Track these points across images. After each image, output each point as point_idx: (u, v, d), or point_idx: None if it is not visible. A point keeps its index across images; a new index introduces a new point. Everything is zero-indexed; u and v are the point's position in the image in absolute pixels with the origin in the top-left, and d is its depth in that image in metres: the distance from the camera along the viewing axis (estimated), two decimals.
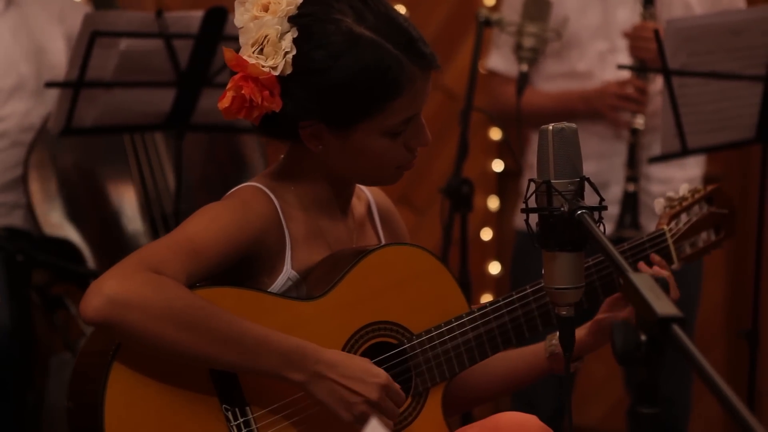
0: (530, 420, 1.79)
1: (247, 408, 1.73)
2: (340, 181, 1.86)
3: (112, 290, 1.62)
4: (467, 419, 2.64)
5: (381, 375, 1.75)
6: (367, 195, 1.98)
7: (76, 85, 2.71)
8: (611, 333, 1.37)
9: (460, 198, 2.83)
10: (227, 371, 1.73)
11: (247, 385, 1.73)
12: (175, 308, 1.64)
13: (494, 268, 3.88)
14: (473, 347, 1.87)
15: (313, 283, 1.82)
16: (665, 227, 1.99)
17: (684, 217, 2.01)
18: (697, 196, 2.03)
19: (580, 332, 1.90)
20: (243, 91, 1.72)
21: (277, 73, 1.73)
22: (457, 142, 2.91)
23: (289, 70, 1.73)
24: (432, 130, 1.87)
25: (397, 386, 1.78)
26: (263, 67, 1.73)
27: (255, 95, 1.72)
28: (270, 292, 1.78)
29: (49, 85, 2.87)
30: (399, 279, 1.86)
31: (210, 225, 1.73)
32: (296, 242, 1.82)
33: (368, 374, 1.74)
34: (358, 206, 1.95)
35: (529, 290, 1.90)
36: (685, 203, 2.02)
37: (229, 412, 1.72)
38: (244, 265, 1.77)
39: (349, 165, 1.82)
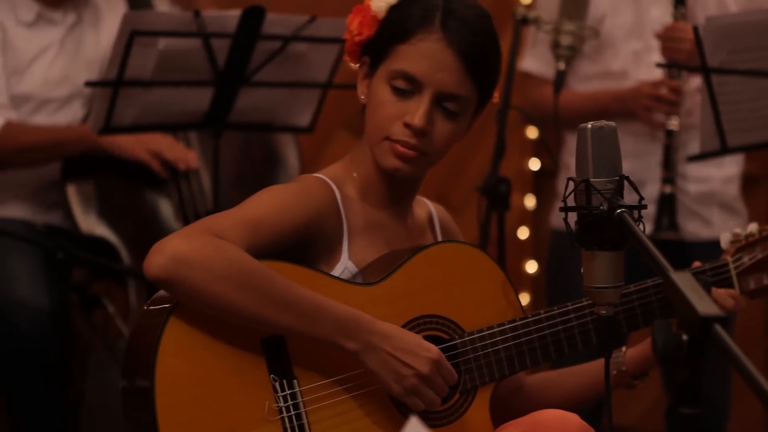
0: (570, 417, 1.79)
1: (294, 381, 1.75)
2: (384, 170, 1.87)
3: (175, 249, 1.67)
4: None
5: (433, 350, 1.77)
6: (429, 207, 2.00)
7: (115, 85, 2.73)
8: (652, 332, 1.37)
9: (497, 197, 2.82)
10: (278, 342, 1.75)
11: (296, 358, 1.76)
12: (235, 269, 1.68)
13: (531, 267, 3.87)
14: (524, 352, 1.87)
15: (369, 276, 1.84)
16: (729, 258, 1.97)
17: (749, 252, 1.99)
18: (765, 233, 2.01)
19: (645, 348, 1.92)
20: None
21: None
22: (492, 141, 2.91)
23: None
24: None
25: (448, 364, 1.79)
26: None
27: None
28: (327, 273, 1.81)
29: (89, 84, 2.89)
30: (456, 276, 1.87)
31: (269, 202, 1.78)
32: (354, 234, 1.84)
33: (421, 348, 1.76)
34: (419, 213, 1.97)
35: (585, 302, 1.90)
36: (751, 239, 2.00)
37: (277, 383, 1.74)
38: (301, 252, 1.80)
39: (366, 124, 1.85)
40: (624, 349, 1.94)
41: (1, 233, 2.89)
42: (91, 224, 3.09)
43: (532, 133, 3.89)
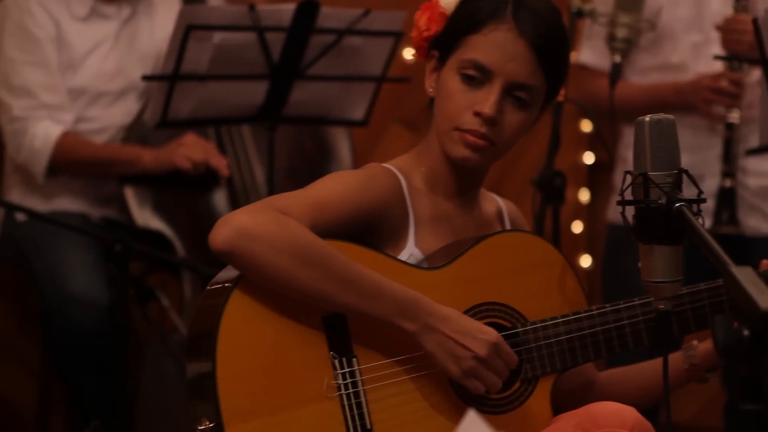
0: (627, 410, 1.78)
1: (354, 359, 1.76)
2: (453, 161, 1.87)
3: (240, 222, 1.69)
4: None
5: (492, 333, 1.77)
6: (499, 203, 2.01)
7: (171, 78, 2.75)
8: (712, 327, 1.35)
9: (552, 190, 2.81)
10: (339, 321, 1.76)
11: (356, 336, 1.77)
12: (297, 244, 1.70)
13: (585, 261, 3.85)
14: (588, 345, 1.87)
15: (434, 262, 1.85)
16: None
17: None
18: None
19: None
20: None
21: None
22: (547, 135, 2.89)
23: None
24: None
25: (508, 347, 1.79)
26: None
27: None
28: (390, 255, 1.81)
29: (146, 78, 2.92)
30: (520, 265, 1.87)
31: (335, 185, 1.80)
32: (420, 223, 1.85)
33: (479, 331, 1.76)
34: (487, 207, 1.98)
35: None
36: None
37: (336, 360, 1.75)
38: (366, 239, 1.81)
39: (435, 115, 1.86)
40: (695, 342, 1.92)
41: (60, 226, 2.92)
42: (147, 218, 3.12)
43: (586, 126, 3.86)
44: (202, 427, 1.69)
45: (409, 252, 1.83)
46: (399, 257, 1.83)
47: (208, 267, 2.77)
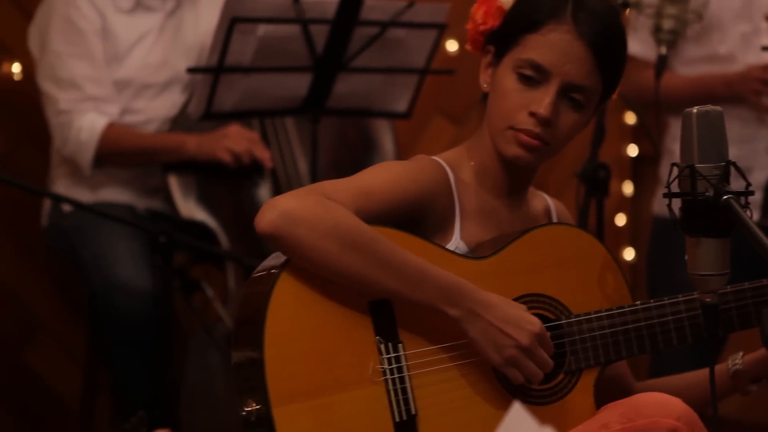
0: (673, 401, 1.77)
1: (399, 345, 1.76)
2: (504, 159, 1.87)
3: (286, 206, 1.70)
4: None
5: (535, 323, 1.77)
6: (548, 201, 2.00)
7: (216, 71, 2.76)
8: (760, 321, 1.34)
9: (596, 183, 2.79)
10: (385, 306, 1.76)
11: (402, 322, 1.77)
12: (342, 228, 1.70)
13: (629, 254, 3.83)
14: (632, 339, 1.86)
15: (479, 253, 1.85)
16: None
17: None
18: None
19: (765, 351, 1.89)
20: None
21: None
22: (590, 127, 2.87)
23: None
24: None
25: (549, 339, 1.79)
26: None
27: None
28: (437, 243, 1.82)
29: (191, 70, 2.93)
30: (566, 258, 1.87)
31: (382, 173, 1.80)
32: (466, 215, 1.86)
33: (523, 320, 1.76)
34: (536, 205, 1.98)
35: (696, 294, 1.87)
36: None
37: (382, 345, 1.75)
38: (412, 230, 1.81)
39: (488, 112, 1.85)
40: (741, 353, 1.92)
41: (105, 217, 2.94)
42: (191, 209, 3.14)
43: (630, 118, 3.84)
44: (249, 409, 1.71)
45: (455, 244, 1.84)
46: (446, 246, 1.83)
47: (251, 258, 2.79)
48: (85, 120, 3.04)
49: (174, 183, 3.14)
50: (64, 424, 3.45)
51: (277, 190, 3.17)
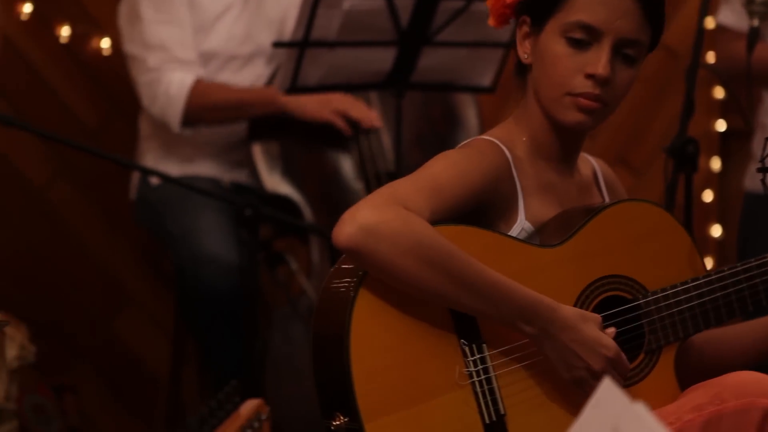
0: (764, 380, 1.74)
1: (484, 345, 1.75)
2: (554, 123, 1.84)
3: (365, 219, 1.67)
4: None
5: (611, 347, 1.75)
6: (592, 162, 1.98)
7: (301, 45, 2.77)
8: None
9: (685, 158, 2.74)
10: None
11: (484, 323, 1.76)
12: (422, 245, 1.69)
13: (716, 230, 3.77)
14: (708, 311, 1.83)
15: (547, 236, 1.83)
16: None
17: None
18: None
19: None
20: None
21: None
22: (675, 101, 2.83)
23: None
24: (652, 88, 1.83)
25: (625, 360, 1.77)
26: None
27: None
28: (509, 235, 1.80)
29: (277, 45, 2.95)
30: (636, 234, 1.84)
31: (450, 168, 1.77)
32: (528, 193, 1.83)
33: (598, 344, 1.74)
34: (584, 169, 1.95)
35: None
36: None
37: (467, 348, 1.74)
38: (480, 213, 1.80)
39: (537, 77, 1.82)
40: None
41: (192, 190, 2.97)
42: (276, 183, 3.16)
43: (719, 93, 3.77)
44: (337, 423, 1.70)
45: (521, 226, 1.82)
46: (511, 231, 1.81)
47: None
48: (174, 76, 3.06)
49: (259, 157, 3.16)
50: (152, 393, 3.51)
51: (362, 163, 3.18)
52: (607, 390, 1.14)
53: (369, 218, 1.67)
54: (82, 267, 3.49)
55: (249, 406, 1.19)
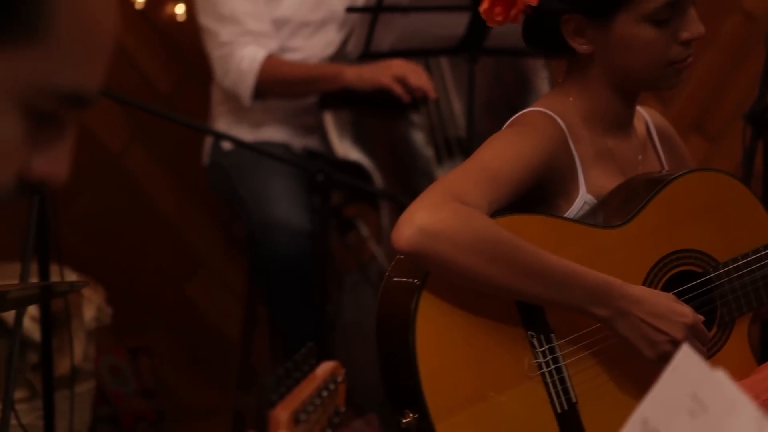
0: None
1: (552, 335, 1.74)
2: (620, 93, 1.82)
3: (423, 221, 1.65)
4: None
5: (687, 314, 1.72)
6: (644, 116, 1.94)
7: (374, 10, 2.76)
8: None
9: (764, 124, 2.70)
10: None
11: (551, 312, 1.74)
12: (483, 241, 1.66)
13: None
14: None
15: (611, 211, 1.80)
16: None
17: None
18: None
19: None
20: None
21: None
22: (754, 67, 2.78)
23: None
24: (729, 54, 1.80)
25: (703, 327, 1.74)
26: None
27: None
28: (571, 219, 1.77)
29: (350, 10, 2.94)
30: (704, 206, 1.81)
31: (505, 152, 1.74)
32: (586, 164, 1.80)
33: (674, 313, 1.71)
34: (638, 127, 1.91)
35: None
36: None
37: (534, 339, 1.73)
38: (538, 191, 1.77)
39: (619, 64, 1.79)
40: None
41: (264, 155, 2.99)
42: (347, 149, 3.16)
43: None
44: (407, 420, 1.68)
45: (583, 199, 1.79)
46: (573, 205, 1.78)
47: (406, 197, 2.80)
48: (246, 51, 3.08)
49: (330, 123, 3.16)
50: (224, 356, 3.55)
51: (431, 130, 3.17)
52: (685, 356, 1.12)
53: (426, 219, 1.64)
54: (156, 231, 3.53)
55: (325, 367, 1.19)
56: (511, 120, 1.82)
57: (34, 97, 0.83)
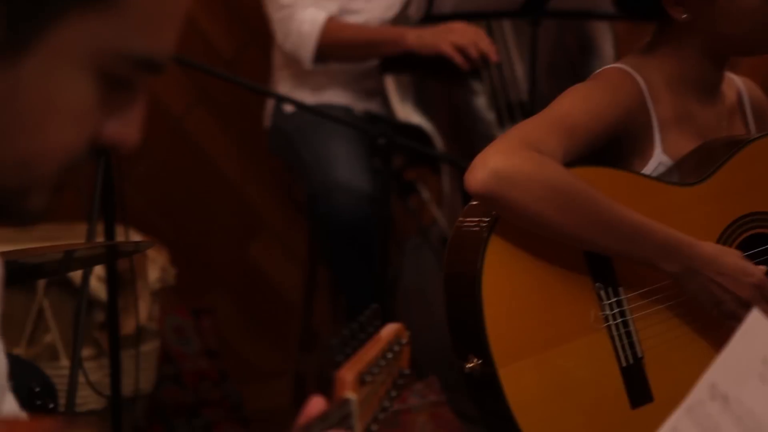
0: None
1: (620, 288, 1.74)
2: (712, 58, 1.80)
3: (497, 165, 1.65)
4: None
5: (756, 274, 1.71)
6: (738, 84, 1.91)
7: None
8: None
9: None
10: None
11: (619, 265, 1.74)
12: (556, 189, 1.66)
13: None
14: None
15: (686, 171, 1.79)
16: None
17: None
18: None
19: None
20: None
21: None
22: None
23: None
24: None
25: None
26: None
27: None
28: (645, 175, 1.77)
29: None
30: None
31: (581, 104, 1.74)
32: (664, 125, 1.79)
33: (743, 273, 1.71)
34: (728, 94, 1.89)
35: None
36: None
37: (602, 291, 1.73)
38: (613, 148, 1.77)
39: (721, 31, 1.77)
40: None
41: (326, 118, 2.99)
42: (408, 112, 3.15)
43: None
44: (471, 365, 1.69)
45: (658, 160, 1.78)
46: (647, 165, 1.77)
47: (467, 161, 2.79)
48: (306, 13, 3.08)
49: (391, 86, 3.15)
50: (286, 318, 3.58)
51: (493, 94, 3.15)
52: (756, 321, 1.11)
53: (501, 164, 1.65)
54: (218, 194, 3.56)
55: (389, 329, 1.20)
56: (591, 76, 1.82)
57: (109, 62, 0.84)
